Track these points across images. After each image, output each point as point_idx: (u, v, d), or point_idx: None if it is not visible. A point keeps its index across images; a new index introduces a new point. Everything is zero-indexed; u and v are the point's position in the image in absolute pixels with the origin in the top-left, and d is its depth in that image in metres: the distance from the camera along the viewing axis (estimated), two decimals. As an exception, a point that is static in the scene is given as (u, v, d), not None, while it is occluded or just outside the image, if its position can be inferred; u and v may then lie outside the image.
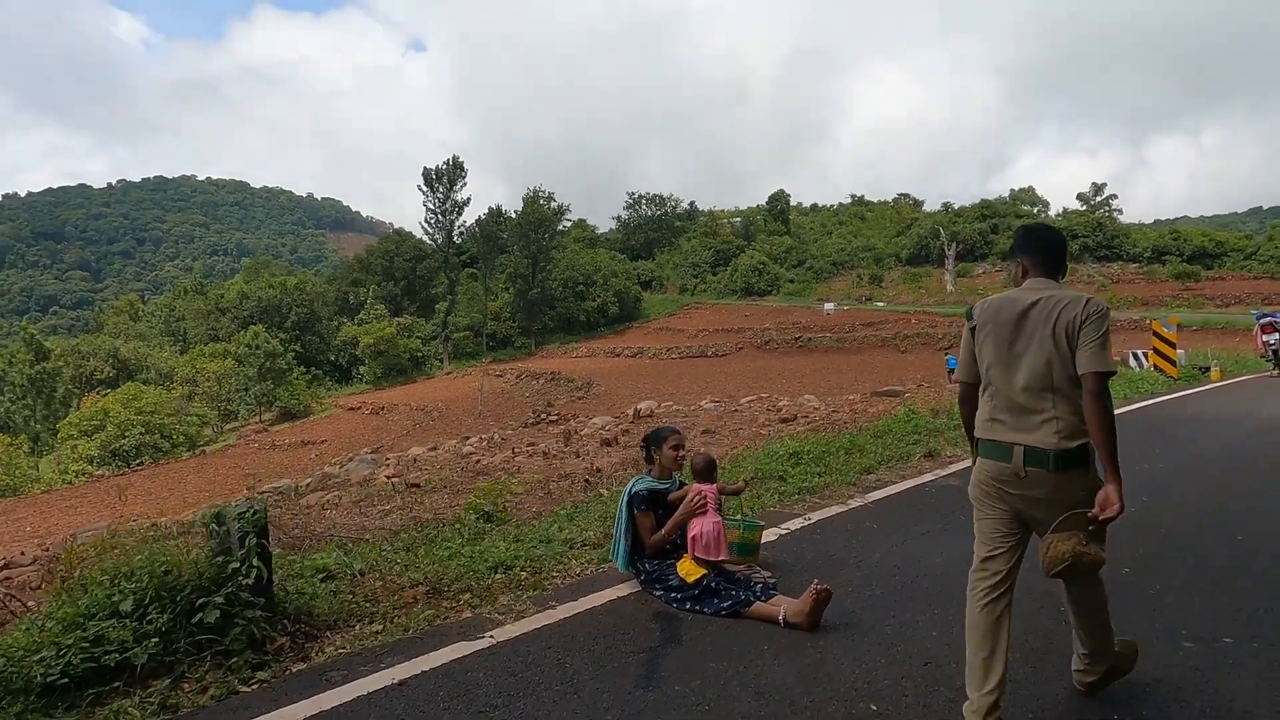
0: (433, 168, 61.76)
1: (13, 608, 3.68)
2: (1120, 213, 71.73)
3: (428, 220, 62.67)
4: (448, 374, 53.52)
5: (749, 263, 68.75)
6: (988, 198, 75.19)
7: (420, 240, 66.97)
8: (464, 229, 64.91)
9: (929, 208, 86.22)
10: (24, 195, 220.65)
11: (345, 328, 59.06)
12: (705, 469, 4.06)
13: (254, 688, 2.97)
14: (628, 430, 13.00)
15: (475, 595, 3.86)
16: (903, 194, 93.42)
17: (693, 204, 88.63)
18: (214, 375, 47.96)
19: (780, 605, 3.50)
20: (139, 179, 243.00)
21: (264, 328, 51.89)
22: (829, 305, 53.42)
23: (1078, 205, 71.77)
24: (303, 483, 12.83)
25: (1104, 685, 2.82)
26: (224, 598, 3.10)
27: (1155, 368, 15.23)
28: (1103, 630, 2.74)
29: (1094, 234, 58.73)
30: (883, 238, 75.10)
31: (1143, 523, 4.88)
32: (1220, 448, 7.89)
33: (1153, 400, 12.07)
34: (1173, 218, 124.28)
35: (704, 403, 18.17)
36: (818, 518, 5.19)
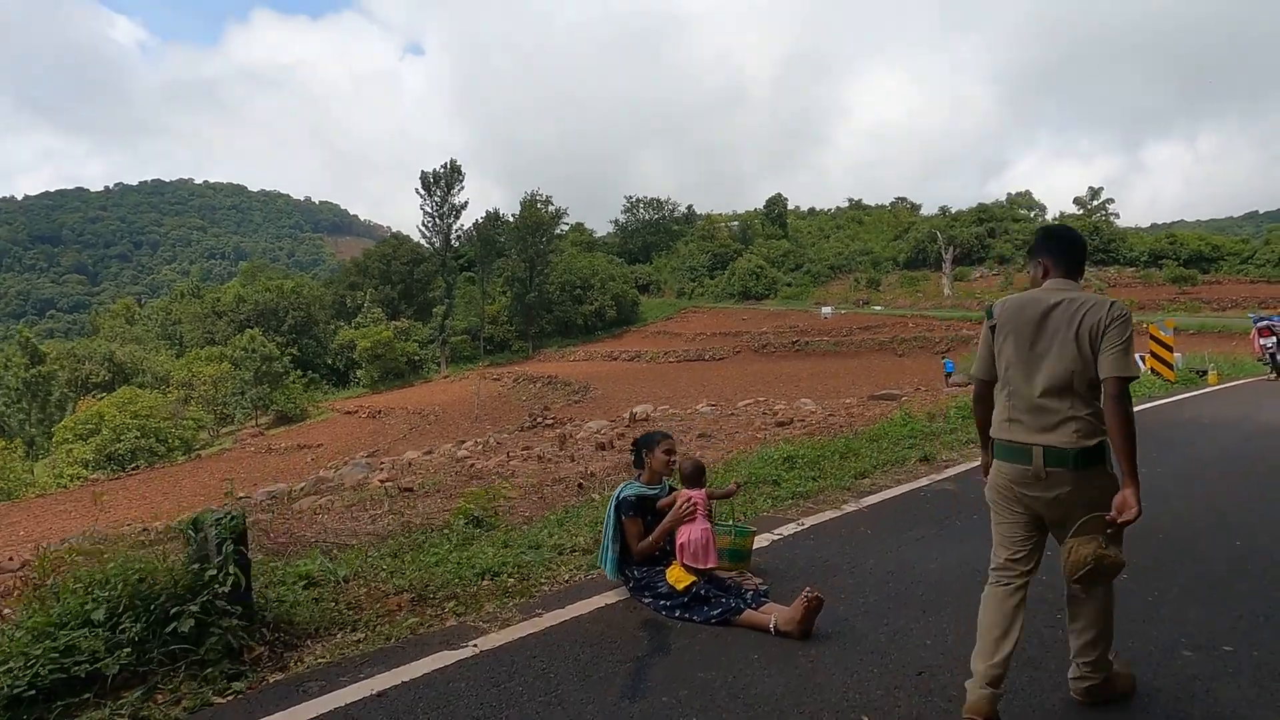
0: (430, 171, 61.90)
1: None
2: (1117, 217, 72.05)
3: (425, 224, 62.82)
4: (445, 378, 53.46)
5: (746, 266, 68.83)
6: (985, 202, 75.66)
7: (417, 244, 67.02)
8: (461, 232, 65.05)
9: (926, 211, 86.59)
10: (20, 198, 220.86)
11: (342, 331, 59.04)
12: (694, 474, 3.98)
13: (229, 699, 2.88)
14: (623, 434, 12.92)
15: (460, 603, 3.78)
16: (900, 198, 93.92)
17: (690, 208, 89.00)
18: (210, 379, 47.89)
19: (771, 613, 3.43)
20: (136, 182, 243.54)
21: (260, 331, 51.89)
22: (826, 309, 53.41)
23: (1074, 209, 72.03)
24: (296, 487, 12.77)
25: (1102, 695, 2.75)
26: (199, 606, 3.01)
27: (1152, 371, 15.19)
28: (1104, 638, 2.70)
29: (1091, 238, 58.76)
30: (880, 241, 75.29)
31: (1140, 529, 4.71)
32: (1218, 452, 7.83)
33: (1150, 404, 12.00)
34: (1169, 222, 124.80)
35: (700, 406, 18.11)
36: (811, 523, 5.10)
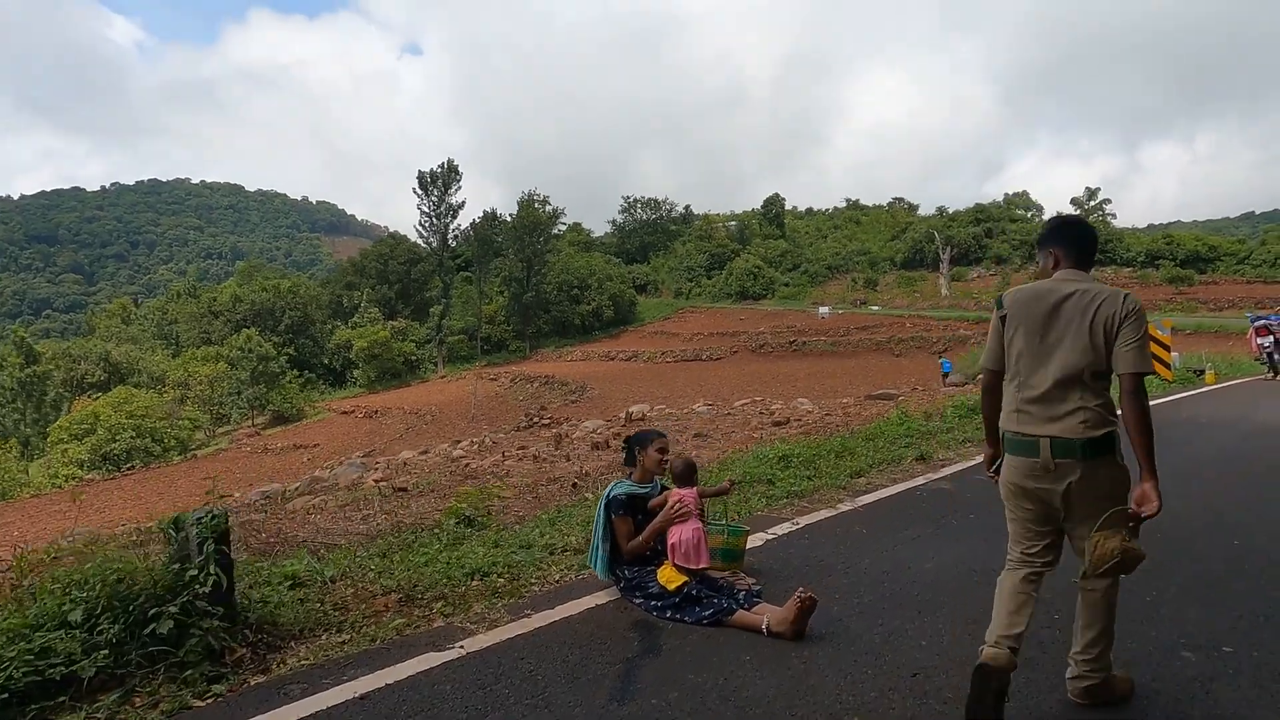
0: (427, 171, 61.74)
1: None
2: (1114, 217, 72.23)
3: (422, 224, 62.60)
4: (442, 377, 53.36)
5: (744, 266, 68.84)
6: (982, 202, 75.69)
7: (415, 244, 66.79)
8: (459, 232, 64.88)
9: (924, 212, 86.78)
10: (17, 198, 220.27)
11: (339, 331, 58.91)
12: (685, 473, 3.92)
13: (208, 702, 2.81)
14: (619, 434, 12.87)
15: (448, 603, 3.71)
16: (897, 198, 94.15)
17: (688, 208, 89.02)
18: (206, 379, 47.72)
19: (764, 614, 3.37)
20: (133, 182, 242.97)
21: (257, 331, 51.77)
22: (824, 309, 53.40)
23: (1072, 210, 72.06)
24: (291, 487, 12.71)
25: (1100, 697, 2.71)
26: (179, 607, 2.95)
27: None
28: (1106, 634, 2.67)
29: (1088, 238, 58.82)
30: (877, 242, 75.37)
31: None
32: (1215, 451, 7.79)
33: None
34: (1166, 222, 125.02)
35: (697, 406, 18.07)
36: (806, 522, 5.04)
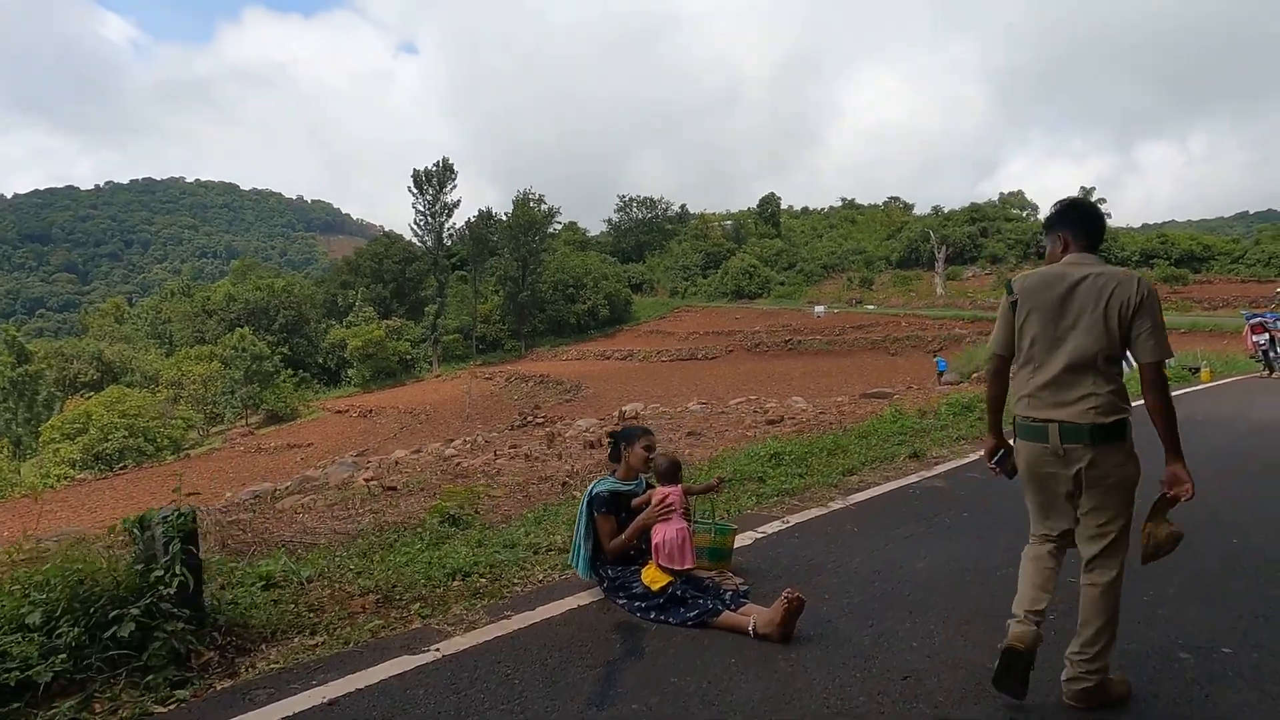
0: (422, 170, 61.49)
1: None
2: (1109, 216, 72.23)
3: (417, 222, 62.37)
4: (437, 377, 53.18)
5: (739, 265, 68.75)
6: (977, 201, 75.57)
7: (410, 242, 66.50)
8: (454, 231, 64.62)
9: (919, 211, 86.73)
10: (10, 197, 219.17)
11: (333, 330, 58.63)
12: (669, 471, 3.81)
13: (170, 707, 2.70)
14: (612, 432, 12.78)
15: (427, 604, 3.60)
16: (893, 197, 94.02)
17: (683, 207, 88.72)
18: (200, 378, 47.44)
19: (751, 615, 3.27)
20: (127, 181, 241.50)
21: (251, 330, 51.46)
22: (819, 308, 53.34)
23: (1067, 209, 72.06)
24: (282, 486, 12.61)
25: (1096, 700, 2.62)
26: (142, 609, 2.84)
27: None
28: (1107, 633, 2.61)
29: (1083, 237, 58.93)
30: (873, 241, 75.30)
31: (1134, 528, 4.66)
32: (1211, 449, 7.73)
33: (1142, 402, 11.91)
34: (1160, 222, 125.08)
35: (691, 405, 17.97)
36: (796, 520, 4.95)
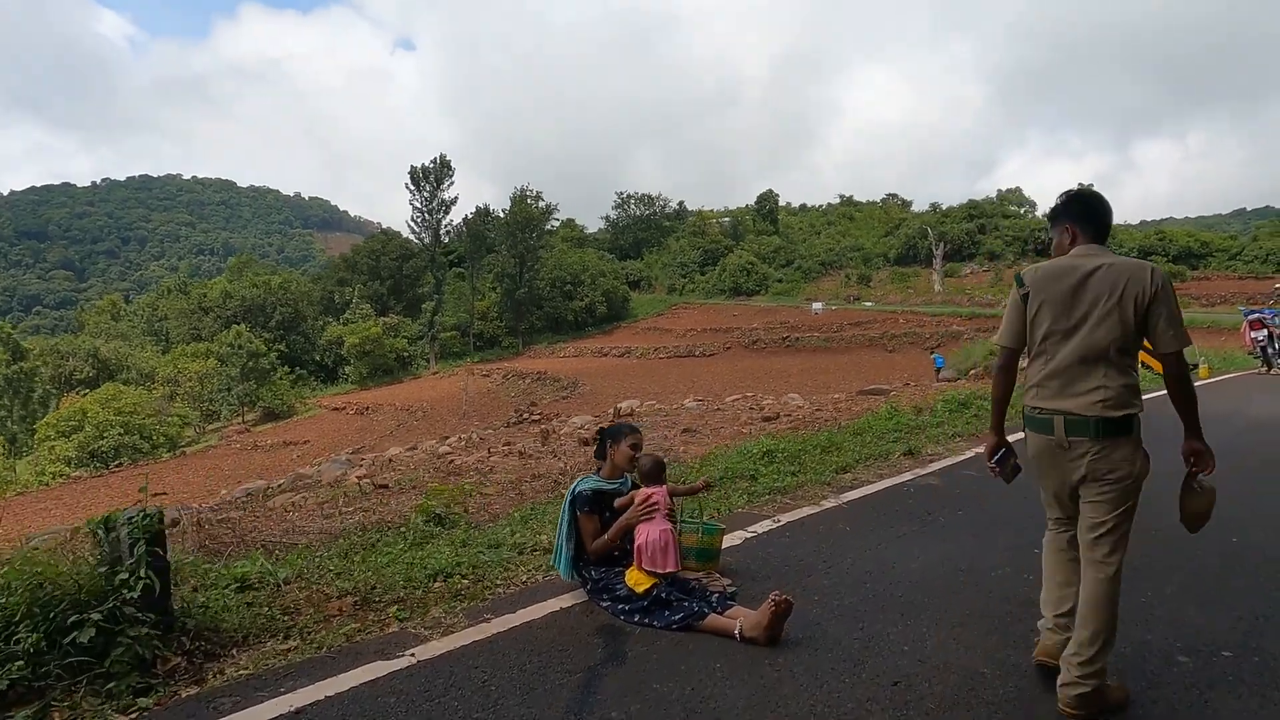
0: (419, 166, 61.30)
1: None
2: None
3: (414, 219, 62.23)
4: (434, 374, 53.05)
5: (737, 263, 68.64)
6: (975, 198, 75.38)
7: (407, 239, 66.37)
8: (451, 228, 64.48)
9: (917, 208, 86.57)
10: (6, 194, 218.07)
11: (330, 327, 58.48)
12: (653, 471, 3.71)
13: (131, 716, 2.59)
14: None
15: (405, 607, 3.50)
16: (891, 194, 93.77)
17: (681, 204, 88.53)
18: (196, 375, 47.31)
19: (737, 618, 3.17)
20: (124, 178, 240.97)
21: (247, 327, 51.30)
22: (817, 305, 53.20)
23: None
24: (275, 484, 12.51)
25: (1093, 706, 2.53)
26: (104, 613, 2.74)
27: (1143, 365, 15.03)
28: (1105, 633, 2.54)
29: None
30: (871, 238, 75.19)
31: (1133, 527, 4.58)
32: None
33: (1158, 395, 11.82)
34: (1159, 219, 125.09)
35: (687, 402, 17.86)
36: (787, 519, 4.85)
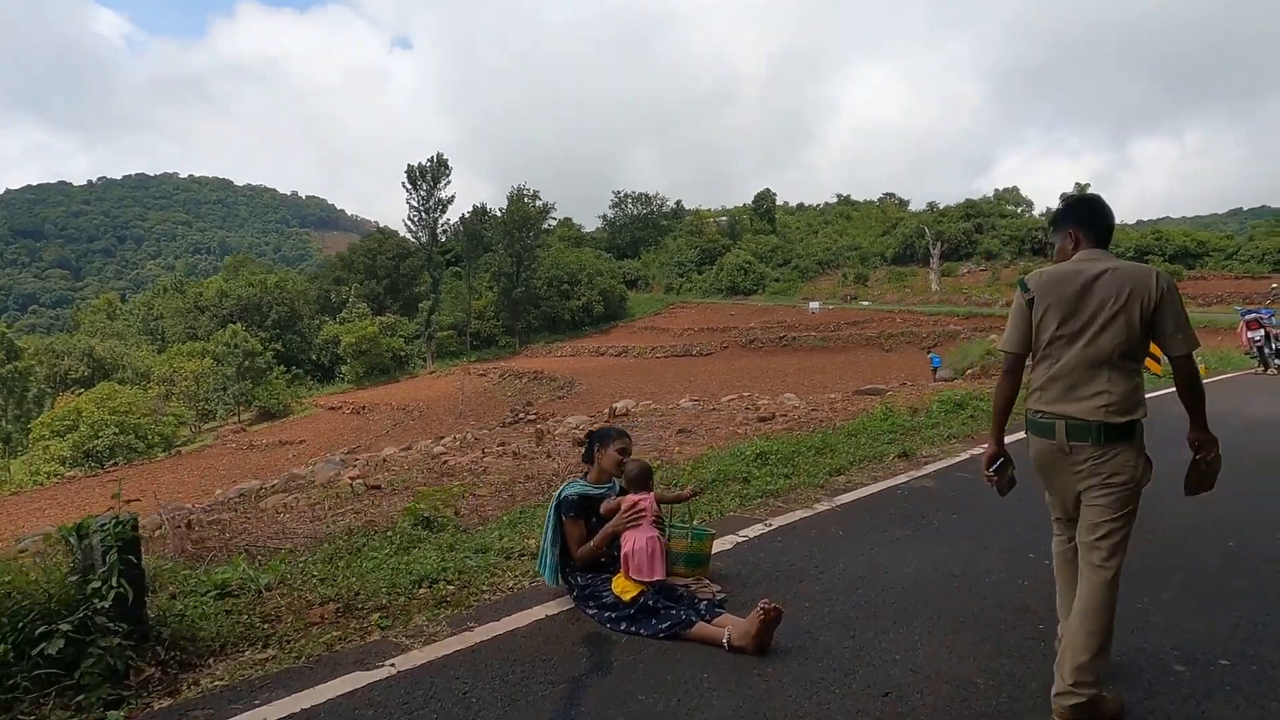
0: (416, 165, 61.07)
1: None
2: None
3: (411, 218, 62.02)
4: (431, 373, 52.93)
5: (734, 262, 68.58)
6: (972, 197, 75.37)
7: (403, 238, 66.19)
8: (448, 227, 64.30)
9: (914, 207, 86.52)
10: (2, 192, 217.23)
11: (327, 326, 58.32)
12: (640, 478, 3.63)
13: (101, 730, 2.54)
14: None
15: (388, 614, 3.43)
16: (888, 193, 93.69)
17: (679, 203, 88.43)
18: (192, 374, 47.14)
19: (726, 626, 3.11)
20: (120, 176, 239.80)
21: (243, 326, 51.14)
22: (814, 304, 53.17)
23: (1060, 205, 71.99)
24: (268, 484, 12.43)
25: (1088, 716, 2.47)
26: (74, 624, 2.67)
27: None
28: (1101, 638, 2.49)
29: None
30: (868, 237, 75.16)
31: (1135, 533, 4.53)
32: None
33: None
34: (1155, 218, 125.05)
35: (683, 402, 17.80)
36: (780, 523, 4.78)
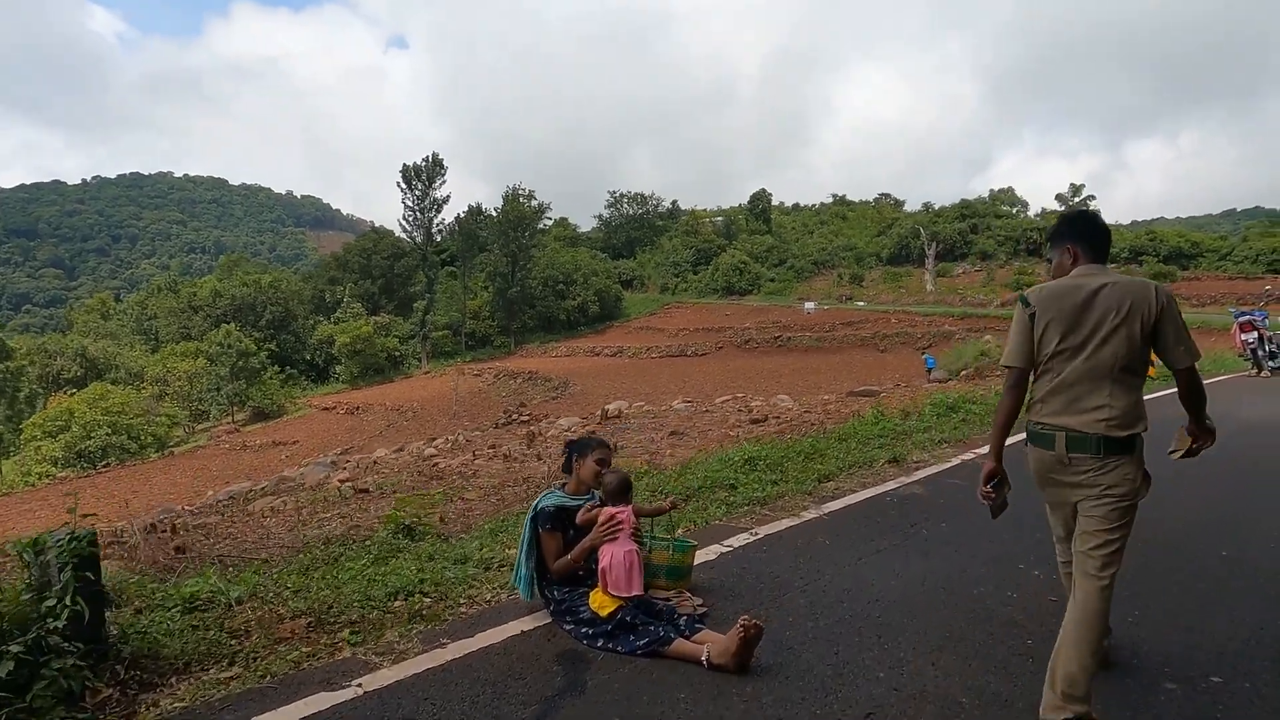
0: (411, 165, 60.87)
1: None
2: (1098, 213, 72.31)
3: (406, 218, 61.82)
4: (426, 373, 52.78)
5: (730, 262, 68.54)
6: (968, 198, 75.49)
7: (398, 238, 65.97)
8: (443, 227, 64.14)
9: (910, 208, 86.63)
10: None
11: (321, 326, 58.12)
12: (619, 490, 3.53)
13: (52, 757, 2.44)
14: (594, 431, 12.56)
15: (358, 630, 3.32)
16: (884, 194, 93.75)
17: (674, 203, 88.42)
18: (185, 375, 46.91)
19: (705, 643, 3.02)
20: (114, 175, 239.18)
21: (237, 326, 50.87)
22: (809, 304, 53.11)
23: (1056, 206, 72.15)
24: (258, 487, 12.32)
25: None
26: (26, 644, 2.57)
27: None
28: (1093, 653, 2.44)
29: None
30: (864, 237, 75.22)
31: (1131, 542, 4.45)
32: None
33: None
34: (1150, 219, 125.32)
35: (676, 403, 17.71)
36: (766, 532, 4.69)
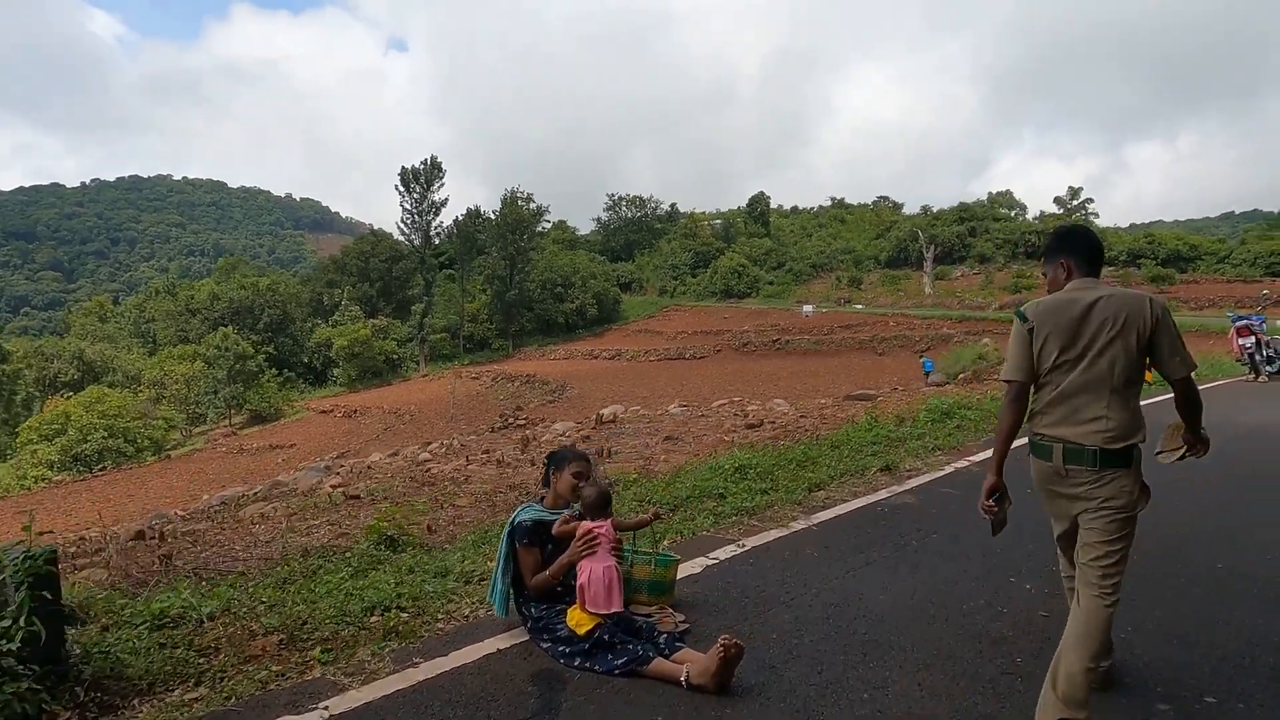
0: (410, 167, 60.84)
1: None
2: (1096, 216, 72.35)
3: (404, 221, 61.76)
4: (424, 376, 52.70)
5: (728, 265, 68.52)
6: (966, 201, 75.50)
7: (397, 241, 65.90)
8: (441, 230, 64.10)
9: (908, 210, 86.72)
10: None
11: (319, 329, 58.06)
12: (598, 503, 3.43)
13: (2, 784, 2.36)
14: (589, 436, 12.48)
15: (331, 647, 3.23)
16: (882, 197, 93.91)
17: (673, 206, 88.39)
18: (183, 378, 46.84)
19: (685, 662, 2.93)
20: (113, 178, 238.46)
21: (235, 329, 50.82)
22: (808, 307, 53.03)
23: (1054, 209, 72.26)
24: (250, 492, 12.24)
25: None
26: (-23, 668, 2.49)
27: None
28: (1090, 667, 2.40)
29: (1071, 237, 59.15)
30: (862, 240, 75.25)
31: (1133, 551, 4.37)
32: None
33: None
34: (1148, 221, 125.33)
35: (672, 407, 17.61)
36: (753, 544, 4.60)
